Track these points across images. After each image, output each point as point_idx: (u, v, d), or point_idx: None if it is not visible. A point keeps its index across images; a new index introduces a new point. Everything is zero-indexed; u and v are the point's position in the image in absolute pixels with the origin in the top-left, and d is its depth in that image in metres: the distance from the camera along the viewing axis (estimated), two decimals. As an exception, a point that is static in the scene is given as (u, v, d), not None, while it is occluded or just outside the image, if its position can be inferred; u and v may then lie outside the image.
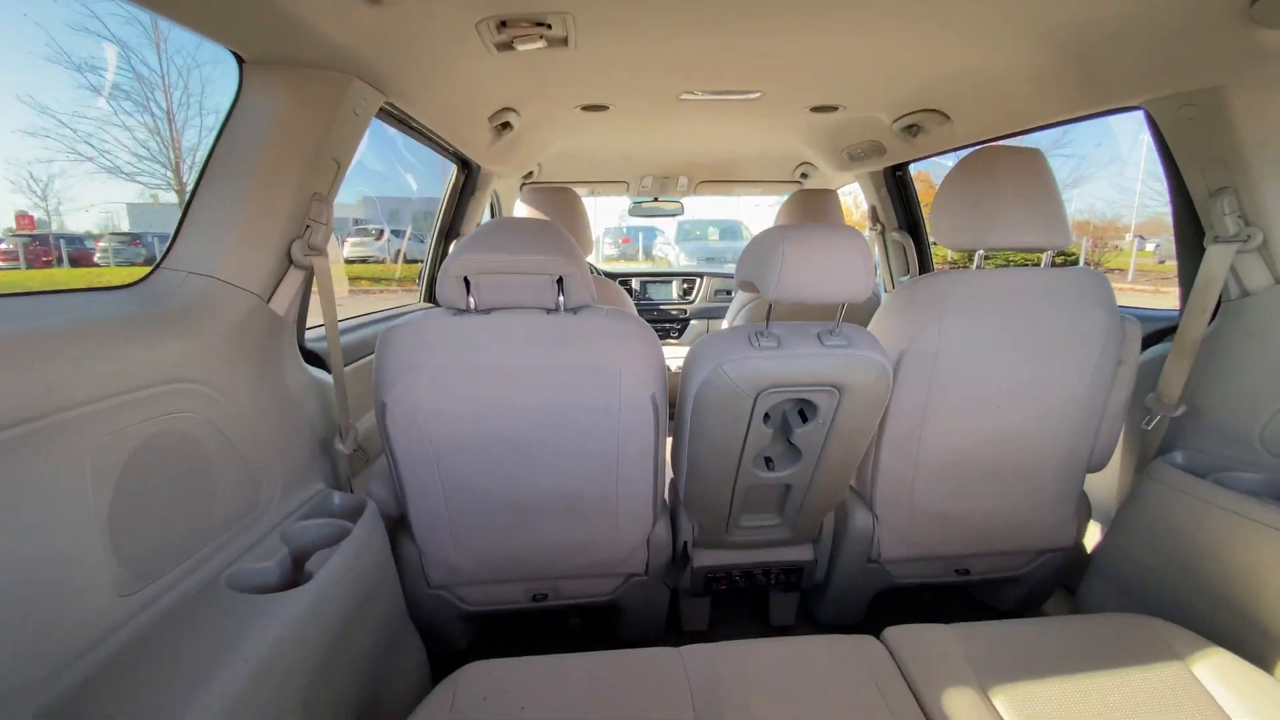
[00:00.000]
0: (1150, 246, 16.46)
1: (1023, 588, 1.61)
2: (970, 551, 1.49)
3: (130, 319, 0.84)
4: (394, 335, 1.09)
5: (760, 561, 1.51)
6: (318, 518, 1.07)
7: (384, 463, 1.21)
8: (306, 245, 1.11)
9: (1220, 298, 1.27)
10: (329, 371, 1.30)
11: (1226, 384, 1.26)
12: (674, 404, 1.23)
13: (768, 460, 1.29)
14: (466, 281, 1.06)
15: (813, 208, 2.26)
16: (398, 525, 1.30)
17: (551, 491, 1.21)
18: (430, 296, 2.39)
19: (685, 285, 3.67)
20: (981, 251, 1.26)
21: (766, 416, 1.16)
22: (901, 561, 1.50)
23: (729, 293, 3.63)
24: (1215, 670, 0.99)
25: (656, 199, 3.42)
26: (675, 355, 3.09)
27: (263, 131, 0.99)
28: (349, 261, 12.02)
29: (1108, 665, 1.02)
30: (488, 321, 1.09)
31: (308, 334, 1.34)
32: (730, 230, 10.62)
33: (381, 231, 13.12)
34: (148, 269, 1.00)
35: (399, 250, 12.95)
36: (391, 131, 1.64)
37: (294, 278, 1.11)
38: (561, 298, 1.10)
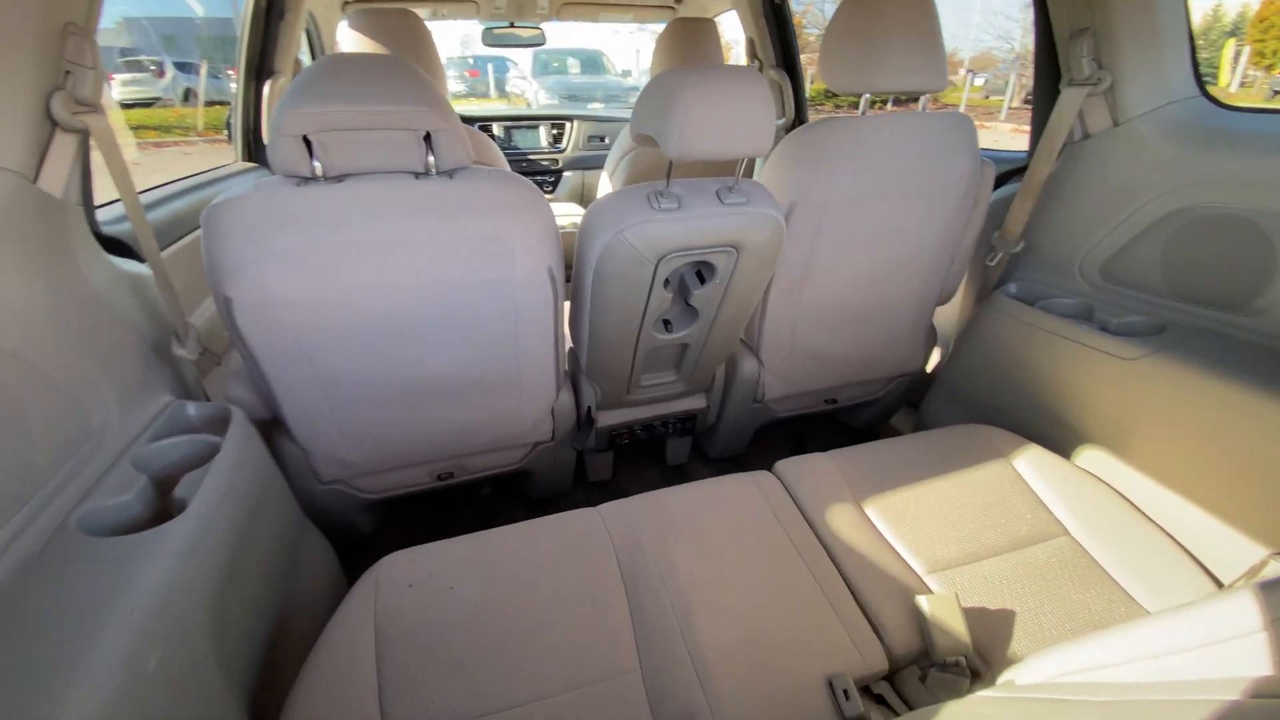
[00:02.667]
0: (979, 81, 17.61)
1: (877, 408, 1.86)
2: (838, 384, 1.66)
3: None
4: (223, 213, 0.88)
5: (658, 414, 1.58)
6: (174, 435, 0.93)
7: (239, 361, 1.05)
8: (72, 99, 0.83)
9: (1065, 141, 1.38)
10: (141, 260, 1.06)
11: (1059, 221, 1.42)
12: (567, 267, 1.15)
13: (665, 322, 1.29)
14: (307, 142, 0.87)
15: (691, 39, 2.08)
16: (272, 425, 1.18)
17: (446, 374, 1.14)
18: (251, 155, 1.99)
19: (554, 131, 3.36)
20: (867, 95, 1.24)
21: (666, 281, 1.13)
22: (782, 399, 1.64)
23: (603, 139, 3.40)
24: (1030, 462, 1.22)
25: (512, 25, 2.97)
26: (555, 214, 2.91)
27: None
28: (124, 106, 9.50)
29: (951, 469, 1.22)
30: (342, 192, 0.91)
31: (102, 214, 1.06)
32: (591, 62, 9.74)
33: (161, 66, 10.33)
34: None
35: (190, 90, 10.41)
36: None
37: (64, 145, 0.84)
38: (431, 158, 0.94)
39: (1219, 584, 0.97)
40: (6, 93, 0.77)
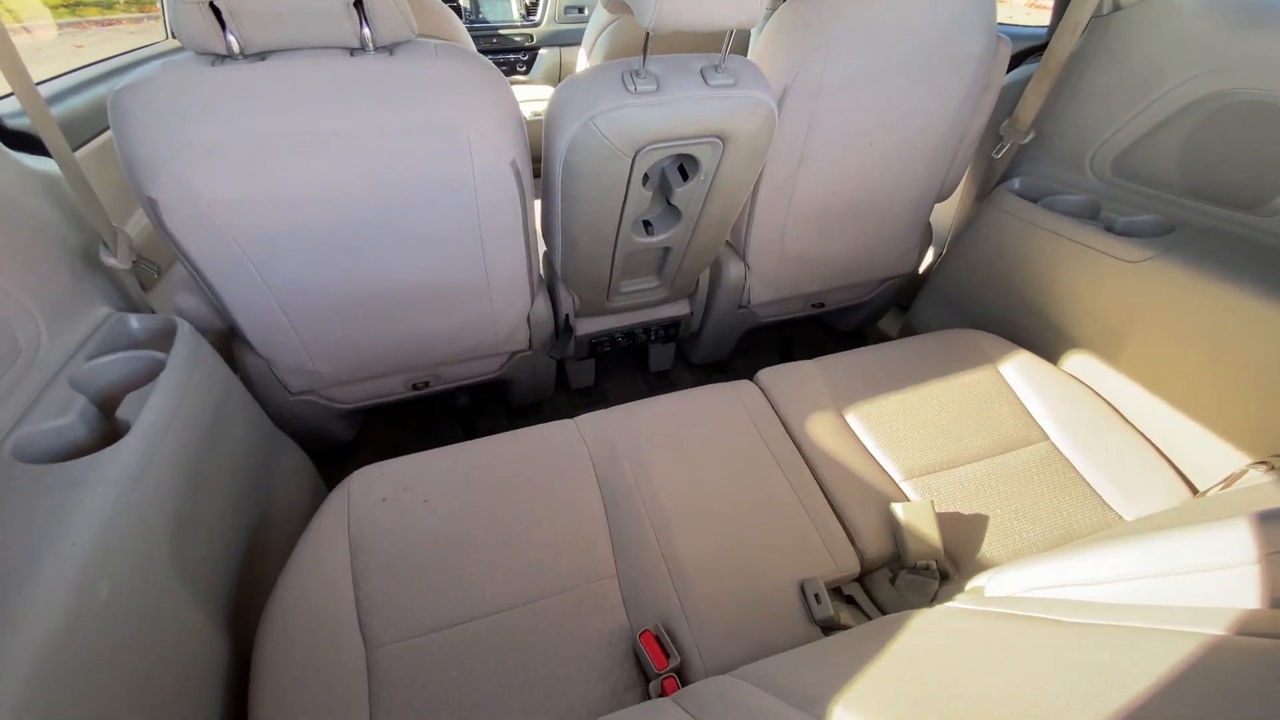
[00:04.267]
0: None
1: (865, 311, 1.81)
2: (827, 287, 1.60)
3: None
4: (127, 100, 0.76)
5: (640, 321, 1.53)
6: (115, 352, 0.87)
7: (184, 269, 0.97)
8: None
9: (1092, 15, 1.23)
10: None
11: (1075, 109, 1.30)
12: (536, 160, 1.05)
13: (646, 224, 1.20)
14: (216, 11, 0.73)
15: None
16: (230, 336, 1.12)
17: (408, 284, 1.06)
18: None
19: (528, 0, 3.04)
20: None
21: (645, 177, 1.03)
22: (768, 304, 1.59)
23: (582, 10, 3.07)
24: (1016, 367, 1.20)
25: None
26: (528, 98, 2.69)
27: None
28: (53, -24, 8.43)
29: (937, 375, 1.20)
30: (263, 72, 0.79)
31: (8, 106, 0.93)
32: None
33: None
34: None
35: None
36: None
37: None
38: (367, 30, 0.80)
39: (1194, 491, 0.97)
40: None
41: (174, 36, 1.74)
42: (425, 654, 0.78)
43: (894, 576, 0.92)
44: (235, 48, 0.76)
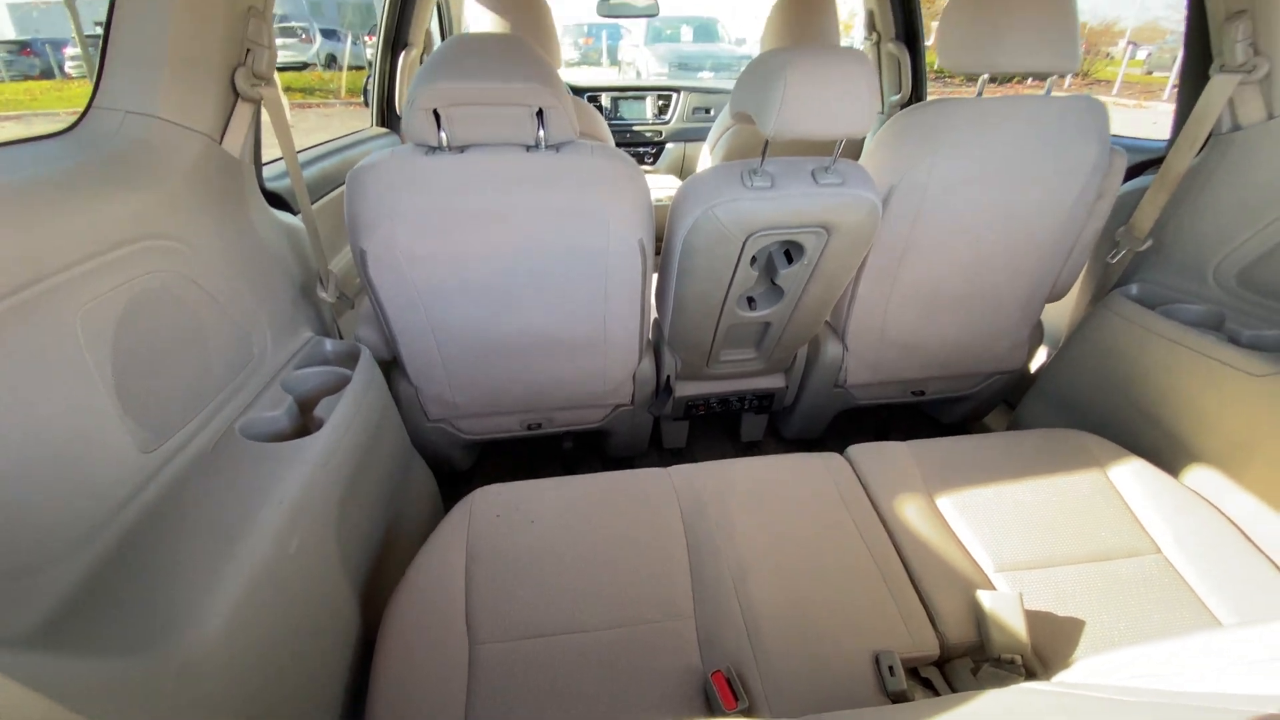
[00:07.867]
0: (1142, 55, 15.57)
1: (969, 404, 1.78)
2: (928, 375, 1.62)
3: (79, 171, 0.76)
4: (365, 177, 1.01)
5: (736, 390, 1.62)
6: (314, 366, 1.09)
7: (368, 306, 1.21)
8: (251, 74, 0.98)
9: (1211, 131, 1.25)
10: (294, 213, 1.23)
11: (1195, 219, 1.30)
12: (658, 239, 1.21)
13: (750, 300, 1.32)
14: (436, 114, 0.97)
15: (806, 13, 2.03)
16: (391, 365, 1.34)
17: (540, 333, 1.24)
18: (384, 120, 2.18)
19: (660, 102, 3.39)
20: (985, 76, 1.19)
21: (754, 259, 1.16)
22: (865, 386, 1.62)
23: (708, 110, 3.39)
24: (1129, 475, 1.16)
25: (629, -5, 3.00)
26: (653, 186, 2.96)
27: None
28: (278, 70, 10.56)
29: (1038, 473, 1.18)
30: (463, 161, 1.02)
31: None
32: (705, 30, 9.56)
33: (309, 32, 11.34)
34: (46, 83, 0.87)
35: (332, 55, 11.34)
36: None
37: (243, 113, 1.00)
38: (542, 132, 1.02)
39: None
40: (203, 69, 0.92)
41: (383, 124, 2.15)
42: (518, 655, 0.87)
43: (976, 667, 0.91)
44: (445, 142, 0.99)
